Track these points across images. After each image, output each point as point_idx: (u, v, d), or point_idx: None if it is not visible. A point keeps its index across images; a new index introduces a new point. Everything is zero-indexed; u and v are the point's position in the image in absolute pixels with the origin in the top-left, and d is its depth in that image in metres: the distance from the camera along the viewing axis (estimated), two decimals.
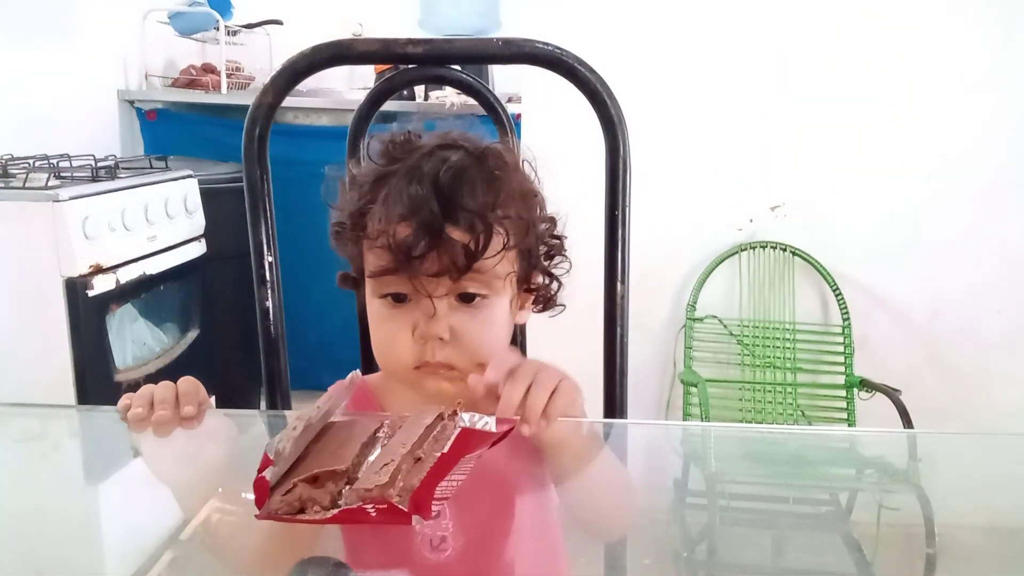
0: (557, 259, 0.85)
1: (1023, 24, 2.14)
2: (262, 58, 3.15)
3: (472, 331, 0.77)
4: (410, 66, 1.03)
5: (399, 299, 0.78)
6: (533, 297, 0.85)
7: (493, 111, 1.11)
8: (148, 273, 2.09)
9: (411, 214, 0.74)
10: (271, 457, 0.57)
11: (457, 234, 0.74)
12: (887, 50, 2.15)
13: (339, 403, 0.66)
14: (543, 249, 0.84)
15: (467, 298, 0.77)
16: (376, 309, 0.80)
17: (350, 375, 0.70)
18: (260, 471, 0.56)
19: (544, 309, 0.87)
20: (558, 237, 0.85)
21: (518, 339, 1.03)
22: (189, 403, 0.75)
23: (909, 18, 2.13)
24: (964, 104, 2.16)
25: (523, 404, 0.66)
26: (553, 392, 0.68)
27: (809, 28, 2.16)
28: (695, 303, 2.23)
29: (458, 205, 0.74)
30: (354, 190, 0.81)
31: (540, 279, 0.84)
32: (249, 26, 3.17)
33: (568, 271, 0.87)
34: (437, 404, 0.72)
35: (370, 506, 0.54)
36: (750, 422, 2.16)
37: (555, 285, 0.86)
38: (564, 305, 0.87)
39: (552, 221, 0.85)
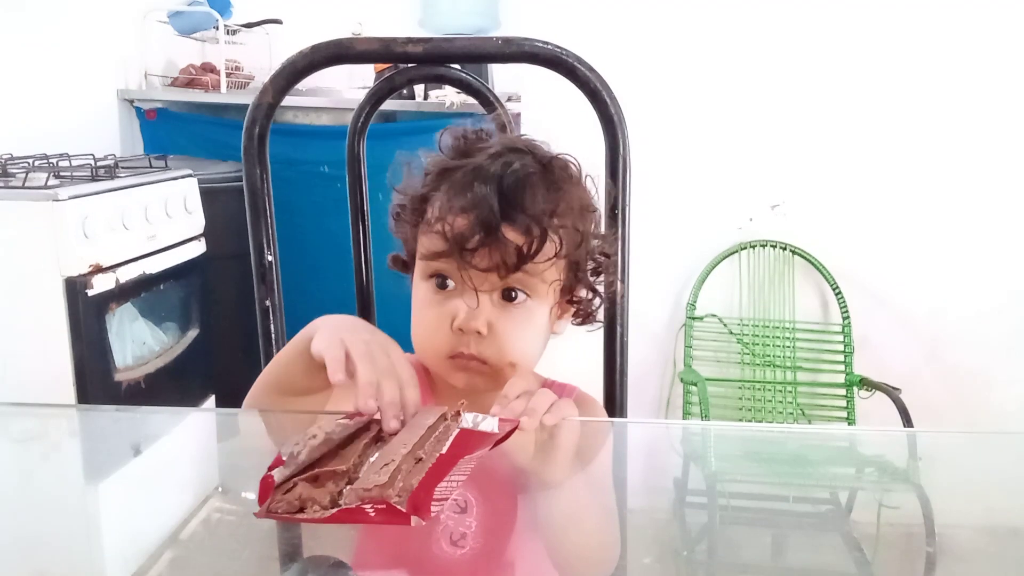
0: (603, 277, 0.87)
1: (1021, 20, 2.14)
2: (262, 57, 3.14)
3: (509, 329, 0.79)
4: (410, 65, 1.03)
5: (444, 285, 0.79)
6: (574, 309, 0.86)
7: (493, 110, 1.11)
8: (148, 272, 2.09)
9: (471, 207, 0.76)
10: (284, 458, 0.57)
11: (512, 234, 0.76)
12: (887, 49, 2.15)
13: (361, 423, 0.65)
14: (591, 265, 0.85)
15: (510, 297, 0.79)
16: (421, 294, 0.82)
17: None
18: (270, 468, 0.56)
19: (583, 323, 0.88)
20: (607, 255, 0.87)
21: None
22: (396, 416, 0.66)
23: (910, 17, 2.13)
24: (964, 103, 2.16)
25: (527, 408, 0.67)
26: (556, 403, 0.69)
27: (809, 27, 2.16)
28: (695, 302, 2.23)
29: (518, 207, 0.76)
30: (420, 176, 0.83)
31: (583, 293, 0.86)
32: (249, 25, 3.16)
33: (614, 288, 0.89)
34: (467, 396, 0.73)
35: (369, 506, 0.54)
36: (750, 421, 2.16)
37: (597, 301, 0.87)
38: (603, 321, 0.89)
39: (604, 239, 0.87)
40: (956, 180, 2.20)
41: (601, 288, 0.87)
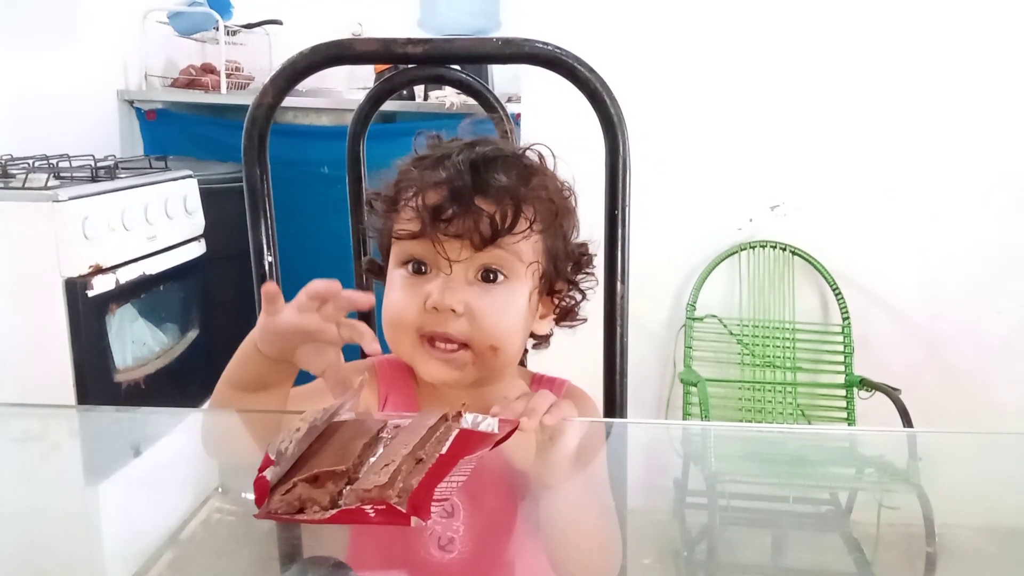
0: (582, 277, 0.87)
1: (1023, 22, 2.14)
2: (262, 58, 3.15)
3: (488, 308, 0.77)
4: (410, 66, 1.03)
5: (419, 270, 0.79)
6: (555, 306, 0.86)
7: (493, 111, 1.11)
8: (148, 273, 2.09)
9: (444, 182, 0.77)
10: (272, 457, 0.57)
11: (485, 204, 0.76)
12: (888, 50, 2.15)
13: (345, 405, 0.66)
14: (570, 264, 0.85)
15: (488, 277, 0.78)
16: (394, 280, 0.80)
17: (359, 379, 0.70)
18: (261, 470, 0.56)
19: (563, 319, 0.87)
20: (587, 253, 0.87)
21: None
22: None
23: (909, 16, 2.13)
24: (964, 103, 2.16)
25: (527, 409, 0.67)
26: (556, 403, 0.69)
27: (809, 27, 2.16)
28: (695, 303, 2.23)
29: (489, 181, 0.77)
30: (395, 169, 0.84)
31: (564, 288, 0.85)
32: (249, 26, 3.17)
33: (594, 289, 0.89)
34: (441, 387, 0.73)
35: (369, 507, 0.54)
36: (750, 422, 2.16)
37: (578, 295, 0.87)
38: (586, 319, 0.88)
39: (584, 246, 0.87)
40: (956, 181, 2.19)
41: (582, 284, 0.87)
